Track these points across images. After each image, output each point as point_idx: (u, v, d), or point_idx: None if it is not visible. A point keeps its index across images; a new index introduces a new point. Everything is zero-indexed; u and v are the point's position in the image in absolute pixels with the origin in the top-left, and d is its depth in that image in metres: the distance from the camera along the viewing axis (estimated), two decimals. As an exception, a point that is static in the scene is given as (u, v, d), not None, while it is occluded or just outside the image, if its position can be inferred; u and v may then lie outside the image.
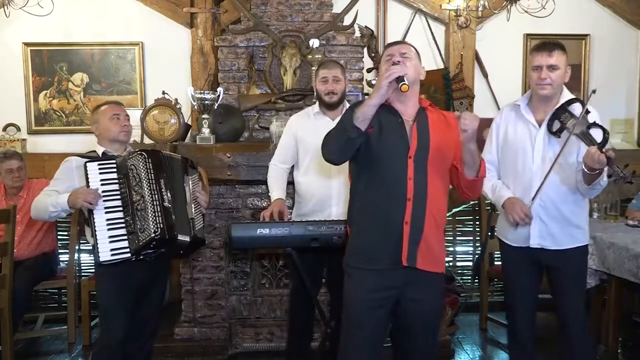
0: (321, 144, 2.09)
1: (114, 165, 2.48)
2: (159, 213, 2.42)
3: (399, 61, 2.03)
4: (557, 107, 2.41)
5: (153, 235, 2.38)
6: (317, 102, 2.96)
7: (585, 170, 2.24)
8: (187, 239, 2.54)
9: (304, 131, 2.94)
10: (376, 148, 2.04)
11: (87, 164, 2.45)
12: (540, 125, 2.45)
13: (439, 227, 2.13)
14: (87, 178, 2.43)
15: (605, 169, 2.21)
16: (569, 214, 2.47)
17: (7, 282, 3.26)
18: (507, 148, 2.56)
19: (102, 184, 2.44)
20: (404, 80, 1.95)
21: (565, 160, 2.40)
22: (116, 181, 2.47)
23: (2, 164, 3.68)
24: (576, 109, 2.36)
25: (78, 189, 2.45)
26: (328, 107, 2.89)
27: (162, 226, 2.41)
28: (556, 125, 2.38)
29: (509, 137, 2.55)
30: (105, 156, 2.58)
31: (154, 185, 2.46)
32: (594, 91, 2.34)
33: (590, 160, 2.17)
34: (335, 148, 2.05)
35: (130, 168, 2.46)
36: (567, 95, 2.46)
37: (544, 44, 2.45)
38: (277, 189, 2.94)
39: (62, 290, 4.20)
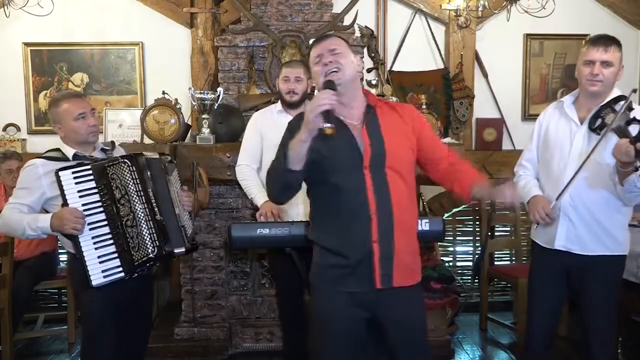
0: (266, 183, 1.97)
1: (90, 172, 2.19)
2: (153, 229, 2.23)
3: (330, 61, 1.84)
4: (602, 104, 2.28)
5: (150, 254, 2.22)
6: (279, 101, 2.98)
7: (617, 166, 2.13)
8: (183, 249, 2.36)
9: (267, 127, 2.94)
10: (326, 165, 1.85)
11: (60, 173, 2.14)
12: (582, 123, 2.33)
13: (411, 235, 1.96)
14: (62, 189, 2.14)
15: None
16: (602, 218, 2.31)
17: (7, 282, 3.26)
18: (546, 145, 2.45)
19: (80, 196, 2.16)
20: (330, 120, 1.72)
21: (603, 161, 2.25)
22: (96, 191, 2.19)
23: (2, 164, 3.69)
24: (621, 107, 2.22)
25: (62, 212, 2.14)
26: (289, 106, 2.91)
27: (158, 244, 2.23)
28: (597, 122, 2.25)
29: (550, 134, 2.44)
30: (77, 158, 2.28)
31: (143, 198, 2.24)
32: (634, 90, 2.25)
33: (618, 151, 2.05)
34: (277, 190, 1.91)
35: (112, 177, 2.21)
36: (616, 94, 2.32)
37: (601, 37, 2.30)
38: (259, 192, 2.89)
39: (62, 290, 4.20)
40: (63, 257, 3.97)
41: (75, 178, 2.16)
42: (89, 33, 4.34)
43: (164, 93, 3.55)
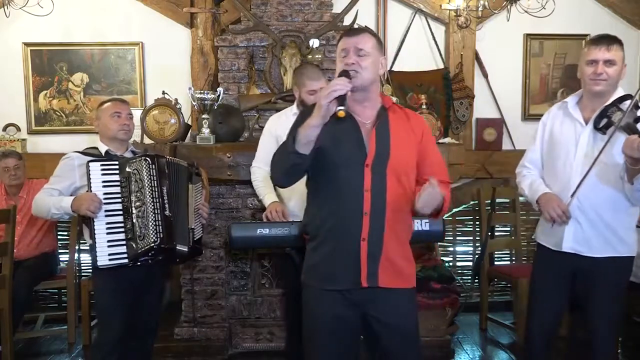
0: (270, 167, 1.99)
1: (117, 167, 2.46)
2: (160, 222, 2.43)
3: (352, 62, 1.86)
4: (607, 104, 2.26)
5: (152, 244, 2.40)
6: (296, 104, 2.94)
7: (627, 163, 2.11)
8: (186, 249, 2.56)
9: (283, 130, 2.92)
10: (330, 157, 1.87)
11: (90, 164, 2.42)
12: (587, 123, 2.32)
13: (402, 240, 1.97)
14: (89, 178, 2.41)
15: None
16: (610, 220, 2.30)
17: (7, 282, 3.26)
18: (551, 146, 2.44)
19: (103, 186, 2.42)
20: (343, 104, 1.74)
21: (610, 161, 2.25)
22: (118, 184, 2.45)
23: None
24: (628, 105, 2.20)
25: (82, 195, 2.41)
26: None
27: (161, 235, 2.41)
28: (603, 121, 2.23)
29: (554, 135, 2.43)
30: (109, 156, 2.56)
31: (157, 192, 2.45)
32: None
33: (629, 148, 2.03)
34: (281, 173, 1.93)
35: (133, 172, 2.45)
36: (620, 93, 2.32)
37: (602, 37, 2.31)
38: (269, 193, 2.90)
39: (62, 290, 4.19)
40: (63, 257, 3.98)
41: (102, 170, 2.44)
42: (89, 33, 4.33)
43: (164, 93, 3.55)
